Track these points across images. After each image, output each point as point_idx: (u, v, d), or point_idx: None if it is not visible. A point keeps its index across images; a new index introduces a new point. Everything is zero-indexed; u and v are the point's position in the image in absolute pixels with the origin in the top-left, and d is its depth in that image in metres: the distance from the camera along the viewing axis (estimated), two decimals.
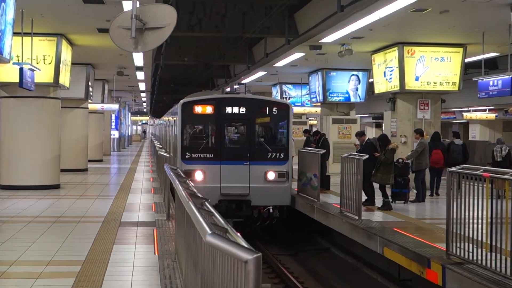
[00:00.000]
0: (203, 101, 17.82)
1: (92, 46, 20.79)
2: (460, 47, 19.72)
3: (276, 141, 18.21)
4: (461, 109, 39.78)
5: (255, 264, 3.14)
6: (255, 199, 17.47)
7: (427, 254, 9.81)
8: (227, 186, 17.34)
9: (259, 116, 18.02)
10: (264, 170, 17.50)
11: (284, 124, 18.10)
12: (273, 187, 17.52)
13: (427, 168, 17.38)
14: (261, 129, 18.38)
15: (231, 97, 18.29)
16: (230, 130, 18.59)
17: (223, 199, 17.37)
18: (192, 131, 18.34)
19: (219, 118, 17.63)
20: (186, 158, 17.47)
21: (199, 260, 5.43)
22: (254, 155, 17.53)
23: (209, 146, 17.73)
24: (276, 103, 18.44)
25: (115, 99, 42.14)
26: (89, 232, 11.76)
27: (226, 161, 17.41)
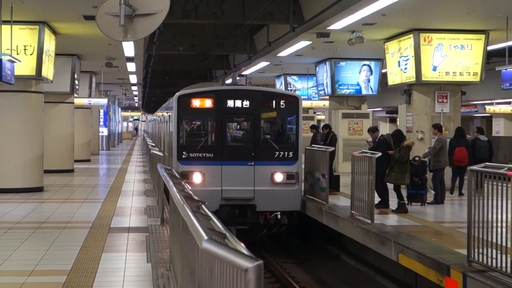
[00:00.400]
0: (202, 94, 17.33)
1: (78, 35, 20.79)
2: (482, 34, 19.70)
3: (284, 138, 17.86)
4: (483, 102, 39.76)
5: (256, 272, 3.13)
6: (261, 204, 16.97)
7: (447, 261, 9.80)
8: (229, 189, 16.85)
9: (265, 110, 17.57)
10: (271, 171, 17.02)
11: (293, 119, 17.64)
12: (281, 190, 17.05)
13: (446, 167, 17.39)
14: (267, 125, 18.00)
15: (233, 89, 17.84)
16: (232, 126, 18.25)
17: (224, 204, 16.89)
18: (189, 128, 17.93)
19: (220, 113, 17.13)
20: (183, 158, 16.96)
21: (195, 268, 5.43)
22: (259, 154, 17.04)
23: (209, 145, 17.31)
24: (284, 96, 18.04)
25: (104, 93, 42.14)
26: (75, 239, 11.76)
27: (228, 161, 16.90)
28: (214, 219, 4.89)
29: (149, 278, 8.83)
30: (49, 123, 25.00)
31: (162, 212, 13.83)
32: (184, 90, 18.35)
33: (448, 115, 20.27)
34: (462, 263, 9.51)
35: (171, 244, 9.27)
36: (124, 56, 25.92)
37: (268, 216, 17.15)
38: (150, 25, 8.45)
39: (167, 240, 11.31)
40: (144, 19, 8.37)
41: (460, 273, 9.12)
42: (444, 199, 16.77)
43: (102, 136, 46.30)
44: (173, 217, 8.42)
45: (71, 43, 22.56)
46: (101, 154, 42.01)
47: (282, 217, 17.28)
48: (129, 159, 38.19)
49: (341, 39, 20.55)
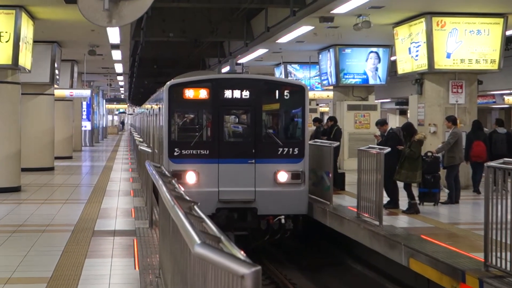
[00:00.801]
0: (196, 83, 16.89)
1: (58, 20, 20.78)
2: (500, 17, 19.71)
3: (289, 133, 17.49)
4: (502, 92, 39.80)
5: (253, 279, 3.15)
6: (262, 207, 16.48)
7: (462, 266, 9.83)
8: (227, 190, 16.38)
9: (267, 102, 17.18)
10: (274, 169, 16.56)
11: (299, 111, 17.14)
12: (285, 191, 16.59)
13: (464, 163, 17.42)
14: (269, 118, 17.66)
15: (231, 78, 17.38)
16: (230, 119, 17.83)
17: (222, 207, 16.40)
18: (182, 121, 17.58)
19: (216, 105, 16.64)
20: (175, 156, 16.45)
21: (187, 275, 5.45)
22: (261, 151, 16.56)
23: (204, 140, 16.85)
24: (288, 85, 17.68)
25: (87, 84, 42.17)
26: (56, 243, 11.78)
27: (226, 158, 16.44)
28: (207, 221, 4.90)
29: (136, 285, 8.84)
30: (27, 116, 24.99)
31: (151, 214, 13.84)
32: (176, 79, 18.00)
33: (463, 107, 20.29)
34: (478, 268, 9.53)
35: (160, 249, 9.28)
36: (109, 43, 25.90)
37: (270, 221, 16.65)
38: (137, 9, 8.46)
39: (157, 244, 11.33)
40: (131, 2, 8.37)
41: (477, 279, 9.15)
42: (459, 199, 16.80)
43: (85, 131, 46.33)
44: (163, 219, 8.43)
45: (51, 29, 22.55)
46: (84, 151, 42.03)
47: (286, 222, 16.72)
48: (114, 156, 38.21)
49: (346, 24, 20.57)
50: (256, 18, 24.85)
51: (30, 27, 20.28)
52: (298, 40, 24.86)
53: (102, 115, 63.63)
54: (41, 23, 21.09)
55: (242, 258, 3.41)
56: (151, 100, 27.70)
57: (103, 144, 55.14)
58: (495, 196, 9.05)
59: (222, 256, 3.45)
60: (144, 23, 22.85)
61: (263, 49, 27.69)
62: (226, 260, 3.37)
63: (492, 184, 9.12)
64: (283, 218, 16.64)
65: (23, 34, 19.36)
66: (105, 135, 68.13)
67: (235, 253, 3.63)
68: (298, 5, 18.76)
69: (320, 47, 27.92)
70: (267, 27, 21.96)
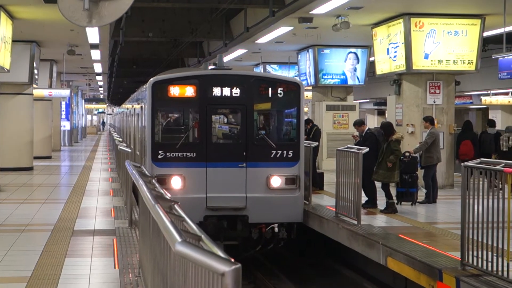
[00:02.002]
0: (182, 80, 15.76)
1: (37, 19, 20.71)
2: (478, 19, 19.84)
3: (283, 134, 16.52)
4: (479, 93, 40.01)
5: (233, 277, 3.19)
6: (254, 214, 15.44)
7: (439, 265, 9.91)
8: (216, 197, 15.30)
9: (260, 100, 16.14)
10: (267, 174, 15.52)
11: (294, 110, 16.11)
12: (279, 197, 15.53)
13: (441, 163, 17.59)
14: (262, 118, 16.63)
15: (221, 74, 16.12)
16: (219, 119, 17.02)
17: (210, 214, 15.32)
18: (166, 121, 16.54)
19: (204, 103, 15.52)
20: (159, 159, 15.29)
21: (167, 274, 5.48)
22: (252, 154, 15.51)
23: (191, 142, 15.76)
24: (283, 82, 16.28)
25: (66, 84, 42.00)
26: (35, 242, 11.77)
27: (214, 162, 15.37)
28: (187, 220, 4.94)
29: (116, 285, 8.86)
30: (5, 116, 24.91)
31: (130, 214, 13.86)
32: (160, 75, 16.87)
33: (441, 107, 20.41)
34: (455, 267, 9.62)
35: (140, 248, 9.31)
36: (88, 43, 25.82)
37: (263, 230, 15.62)
38: (117, 10, 8.47)
39: (136, 243, 11.36)
40: (111, 3, 8.38)
41: (453, 278, 9.23)
42: (436, 198, 16.91)
43: (64, 130, 46.13)
44: (142, 218, 8.45)
45: (30, 28, 22.47)
46: (63, 151, 41.88)
47: (280, 231, 15.64)
48: (93, 155, 38.11)
49: (325, 24, 20.61)
50: (236, 19, 24.87)
51: (9, 26, 20.19)
52: (277, 41, 24.90)
53: (81, 115, 63.41)
54: (20, 23, 21.01)
55: (223, 256, 3.45)
56: (132, 99, 26.22)
57: (82, 144, 54.96)
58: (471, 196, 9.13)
59: (202, 254, 3.48)
60: (123, 23, 22.81)
61: (242, 49, 27.71)
62: (207, 258, 3.41)
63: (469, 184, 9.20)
64: (276, 226, 15.61)
65: (2, 34, 19.28)
66: (84, 135, 67.91)
67: (215, 251, 3.68)
68: (277, 5, 18.79)
69: (299, 47, 27.98)
70: (246, 27, 21.97)
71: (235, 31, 25.22)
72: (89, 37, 23.98)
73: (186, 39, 27.08)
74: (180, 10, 25.14)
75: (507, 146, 19.52)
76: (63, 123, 45.00)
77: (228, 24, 25.87)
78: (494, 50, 22.23)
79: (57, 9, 8.97)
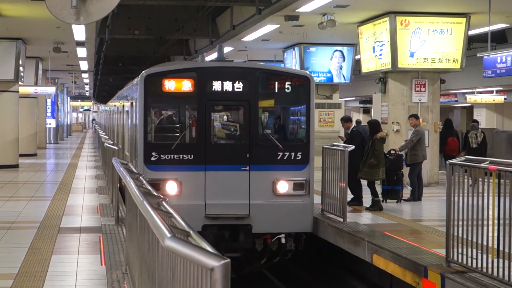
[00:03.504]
0: (178, 73, 14.21)
1: (23, 17, 20.66)
2: (463, 17, 19.92)
3: (291, 134, 15.19)
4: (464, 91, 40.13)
5: (222, 271, 3.22)
6: (258, 223, 13.90)
7: (424, 262, 9.98)
8: (216, 204, 13.74)
9: (265, 96, 14.66)
10: (273, 178, 13.95)
11: (303, 108, 14.70)
12: (286, 204, 13.99)
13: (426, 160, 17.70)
14: (267, 116, 15.23)
15: (222, 66, 14.44)
16: (220, 117, 15.50)
17: (209, 224, 13.78)
18: (160, 119, 15.09)
19: (203, 99, 13.90)
20: (152, 161, 13.69)
21: (155, 270, 5.51)
22: (257, 156, 13.93)
23: (188, 143, 14.25)
24: (290, 75, 14.65)
25: (51, 81, 41.86)
26: (22, 240, 11.77)
27: (214, 165, 13.80)
28: (176, 216, 4.96)
29: (103, 282, 8.87)
30: None
31: (117, 211, 13.84)
32: (153, 68, 15.28)
33: (426, 105, 20.49)
34: (440, 264, 9.69)
35: (127, 245, 9.32)
36: (74, 40, 25.78)
37: (268, 241, 14.12)
38: (105, 7, 8.48)
39: (123, 241, 11.37)
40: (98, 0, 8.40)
41: (438, 274, 9.29)
42: (421, 196, 16.99)
43: (50, 128, 46.02)
44: (129, 215, 8.47)
45: (16, 25, 22.41)
46: (49, 148, 41.78)
47: (287, 241, 14.12)
48: (79, 153, 38.03)
49: (311, 22, 20.65)
50: (222, 16, 24.87)
51: None
52: (264, 39, 24.92)
53: (66, 112, 63.25)
54: (6, 20, 20.95)
55: (212, 251, 3.48)
56: (120, 96, 24.17)
57: (67, 141, 54.81)
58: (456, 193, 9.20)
59: (192, 249, 3.52)
60: (109, 21, 22.77)
61: (229, 47, 27.71)
62: (196, 253, 3.44)
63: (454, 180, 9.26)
64: (283, 237, 14.06)
65: None
66: (69, 133, 67.75)
67: (204, 246, 3.71)
68: (263, 3, 18.80)
69: (285, 45, 28.02)
70: (232, 25, 21.97)
71: (222, 29, 25.22)
72: (75, 35, 23.95)
73: (172, 36, 27.06)
74: (166, 8, 25.12)
75: (476, 143, 20.45)
76: (49, 121, 44.89)
77: (215, 22, 25.87)
78: (479, 49, 22.34)
79: (44, 7, 8.96)
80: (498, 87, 37.06)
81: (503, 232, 8.41)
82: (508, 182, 8.23)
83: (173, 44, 30.61)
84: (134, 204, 7.12)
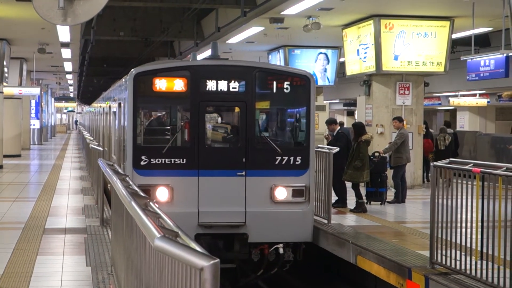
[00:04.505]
0: (170, 71, 13.33)
1: (8, 17, 20.60)
2: (447, 21, 20.01)
3: (290, 137, 14.28)
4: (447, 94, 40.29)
5: (212, 271, 3.24)
6: (254, 233, 13.05)
7: (408, 263, 10.02)
8: (209, 211, 12.89)
9: (263, 96, 13.73)
10: (270, 184, 13.11)
11: (303, 109, 13.77)
12: (284, 212, 13.14)
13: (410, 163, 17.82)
14: (265, 117, 14.35)
15: (216, 65, 13.57)
16: (215, 119, 14.60)
17: (202, 232, 12.91)
18: (151, 121, 14.36)
19: (196, 99, 13.04)
20: (142, 166, 12.82)
21: (142, 271, 5.52)
22: (253, 160, 13.08)
23: (180, 146, 13.37)
24: (290, 75, 13.75)
25: (36, 82, 41.71)
26: (6, 240, 11.74)
27: (208, 170, 12.95)
28: (164, 217, 4.98)
29: (89, 282, 8.87)
30: None
31: (102, 212, 13.83)
32: (143, 66, 14.30)
33: (410, 108, 20.58)
34: (424, 266, 9.73)
35: (113, 246, 9.33)
36: (59, 42, 25.73)
37: (265, 250, 13.30)
38: (92, 8, 8.49)
39: (108, 242, 11.37)
40: (86, 1, 8.40)
41: (422, 276, 9.34)
42: (405, 198, 17.06)
43: (34, 129, 45.89)
44: (115, 216, 8.47)
45: (0, 26, 22.34)
46: (33, 149, 41.66)
47: (285, 252, 13.33)
48: (63, 154, 37.94)
49: (296, 25, 20.70)
50: (207, 18, 24.87)
51: None
52: (249, 41, 24.95)
53: (50, 113, 63.09)
54: None
55: (201, 251, 3.50)
56: (108, 95, 22.43)
57: (51, 142, 54.66)
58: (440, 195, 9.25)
59: (181, 249, 3.53)
60: (94, 22, 22.72)
61: None
62: (186, 253, 3.46)
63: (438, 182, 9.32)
64: (281, 247, 13.28)
65: None
66: (53, 134, 67.57)
67: (193, 246, 3.73)
68: (248, 5, 18.82)
69: (270, 47, 28.06)
70: (217, 27, 21.99)
71: (206, 31, 25.23)
72: (60, 36, 23.90)
73: (157, 38, 27.05)
74: (151, 10, 25.10)
75: (444, 145, 21.47)
76: (33, 122, 44.77)
77: (200, 24, 25.88)
78: (462, 52, 22.42)
79: (28, 7, 8.97)
80: (482, 90, 37.25)
81: (486, 234, 8.47)
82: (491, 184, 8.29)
83: (158, 46, 30.62)
84: (120, 205, 7.13)
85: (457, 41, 22.76)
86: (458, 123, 44.42)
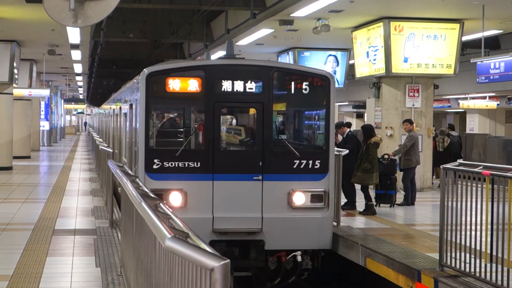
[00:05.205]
0: (184, 71, 12.85)
1: (18, 19, 20.66)
2: (457, 23, 19.99)
3: (309, 140, 13.98)
4: (457, 97, 40.26)
5: (222, 272, 3.25)
6: (271, 239, 12.56)
7: (417, 266, 10.02)
8: (225, 217, 12.42)
9: (280, 97, 13.37)
10: (288, 189, 12.61)
11: (323, 112, 13.19)
12: (302, 218, 12.66)
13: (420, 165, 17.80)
14: (282, 119, 13.93)
15: (232, 64, 13.17)
16: (230, 121, 14.46)
17: (217, 239, 12.42)
18: (164, 123, 13.88)
19: (211, 100, 12.54)
20: (154, 170, 12.34)
21: (152, 272, 5.53)
22: (270, 164, 12.56)
23: (194, 149, 12.96)
24: (309, 75, 13.18)
25: (45, 84, 41.88)
26: (16, 241, 11.79)
27: (223, 174, 12.47)
28: (174, 218, 5.00)
29: (98, 283, 8.90)
30: None
31: (111, 213, 13.87)
32: (156, 65, 13.63)
33: (420, 110, 20.56)
34: (433, 268, 9.73)
35: (122, 247, 9.35)
36: (69, 43, 25.79)
37: (282, 258, 12.85)
38: (103, 10, 8.51)
39: (117, 243, 11.40)
40: (96, 3, 8.42)
41: (432, 279, 9.33)
42: (414, 200, 17.04)
43: (43, 130, 45.99)
44: (125, 218, 8.49)
45: (10, 28, 22.41)
46: (42, 150, 41.75)
47: (303, 259, 12.83)
48: (73, 156, 38.02)
49: (305, 27, 20.71)
50: (216, 20, 24.90)
51: None
52: (258, 43, 24.96)
53: (60, 115, 63.21)
54: (1, 22, 20.96)
55: (211, 251, 3.52)
56: (119, 95, 22.00)
57: (61, 144, 54.78)
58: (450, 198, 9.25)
59: (192, 249, 3.55)
60: (104, 24, 22.79)
61: (223, 51, 27.64)
62: (196, 254, 3.48)
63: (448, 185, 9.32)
64: (299, 254, 12.77)
65: None
66: (63, 135, 67.71)
67: (203, 247, 3.74)
68: (258, 7, 18.83)
69: (280, 49, 28.06)
70: (227, 29, 22.01)
71: (216, 32, 25.26)
72: (69, 37, 23.95)
73: (167, 40, 27.10)
74: (161, 11, 25.16)
75: (442, 147, 21.94)
76: (42, 123, 44.86)
77: (209, 25, 25.91)
78: (472, 55, 22.42)
79: (39, 9, 9.01)
80: (491, 93, 37.18)
81: (495, 236, 8.47)
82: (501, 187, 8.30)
83: (167, 48, 30.66)
84: (130, 206, 7.15)
85: (467, 43, 22.73)
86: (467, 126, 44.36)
